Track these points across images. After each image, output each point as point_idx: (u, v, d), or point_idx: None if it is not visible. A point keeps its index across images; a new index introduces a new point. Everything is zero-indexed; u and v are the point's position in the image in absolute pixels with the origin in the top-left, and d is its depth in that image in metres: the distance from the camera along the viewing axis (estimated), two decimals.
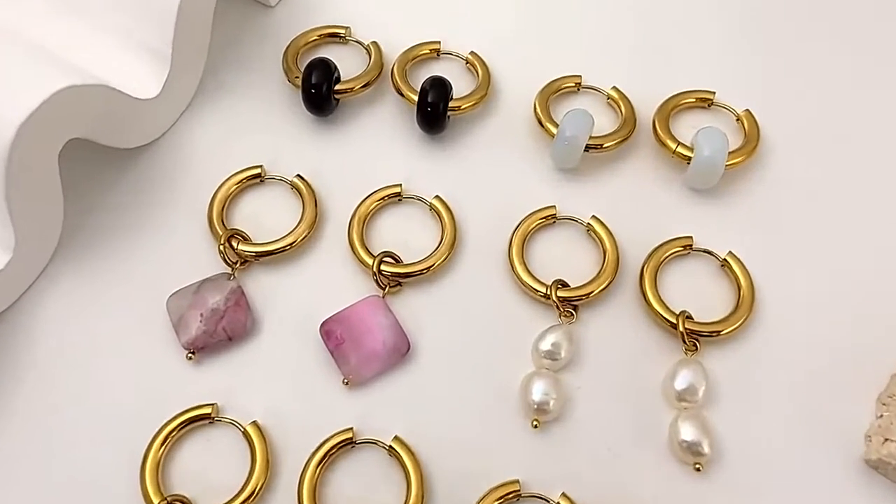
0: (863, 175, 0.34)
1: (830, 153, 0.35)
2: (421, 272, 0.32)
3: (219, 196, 0.33)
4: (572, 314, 0.31)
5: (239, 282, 0.31)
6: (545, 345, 0.30)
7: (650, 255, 0.32)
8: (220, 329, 0.30)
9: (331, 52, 0.36)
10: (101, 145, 0.32)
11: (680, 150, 0.34)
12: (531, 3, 0.39)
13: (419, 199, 0.34)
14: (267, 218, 0.33)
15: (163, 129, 0.35)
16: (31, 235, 0.30)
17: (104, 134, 0.31)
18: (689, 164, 0.33)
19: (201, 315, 0.30)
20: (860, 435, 0.29)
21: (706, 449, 0.29)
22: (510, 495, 0.28)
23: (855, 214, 0.33)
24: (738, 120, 0.35)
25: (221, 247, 0.32)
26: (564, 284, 0.31)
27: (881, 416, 0.30)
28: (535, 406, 0.29)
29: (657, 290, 0.31)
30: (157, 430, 0.28)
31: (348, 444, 0.29)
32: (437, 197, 0.33)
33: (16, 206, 0.29)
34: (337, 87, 0.35)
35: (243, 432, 0.29)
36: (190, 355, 0.30)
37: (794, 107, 0.36)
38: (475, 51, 0.37)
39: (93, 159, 0.34)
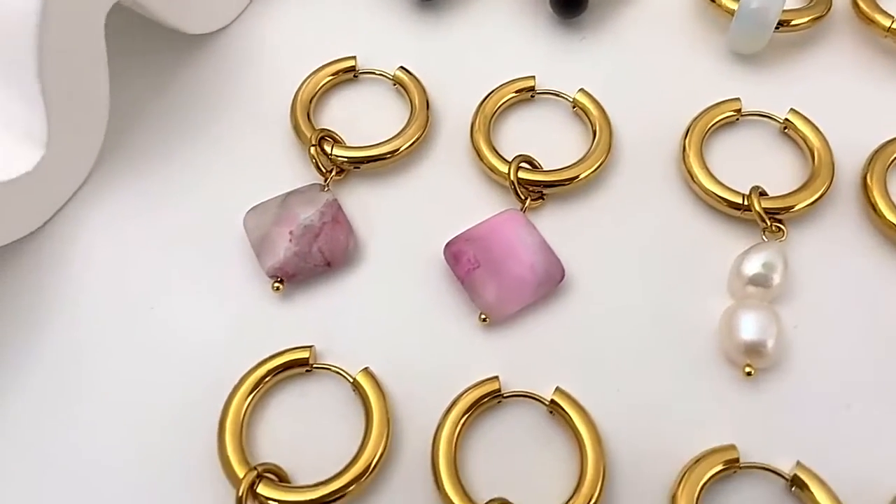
0: None
1: None
2: (569, 180, 0.24)
3: (305, 92, 0.26)
4: (781, 229, 0.24)
5: (336, 198, 0.25)
6: (752, 267, 0.22)
7: (874, 157, 0.24)
8: (315, 251, 0.23)
9: None
10: (160, 29, 0.25)
11: None
12: None
13: (558, 94, 0.26)
14: (363, 123, 0.26)
15: (235, 11, 0.28)
16: (69, 129, 0.23)
17: (162, 5, 0.25)
18: None
19: (291, 233, 0.23)
20: None
21: None
22: (727, 469, 0.20)
23: None
24: None
25: (312, 149, 0.24)
26: (764, 193, 0.24)
27: None
28: (748, 347, 0.22)
29: (891, 200, 0.24)
30: (236, 383, 0.21)
31: (494, 397, 0.21)
32: (581, 90, 0.26)
33: (50, 86, 0.22)
34: None
35: (353, 383, 0.21)
36: (277, 285, 0.23)
37: None
38: None
39: (149, 47, 0.27)
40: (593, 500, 0.19)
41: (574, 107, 0.26)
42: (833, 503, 0.19)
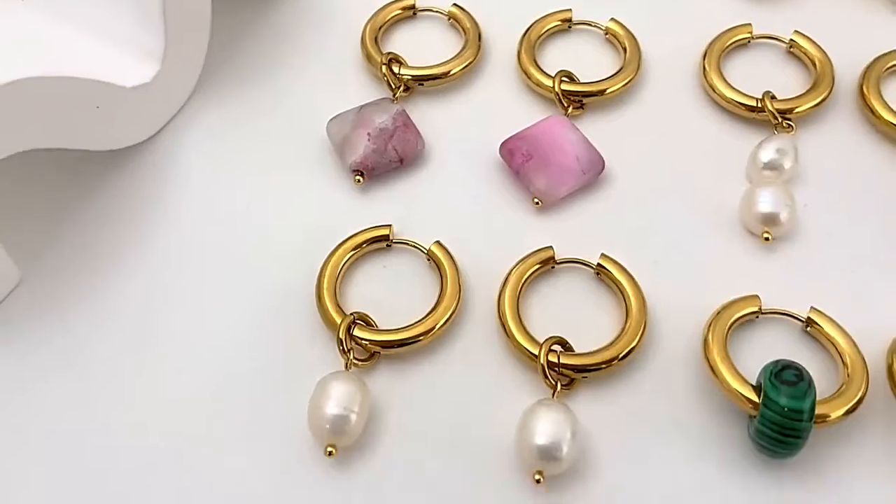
0: None
1: None
2: (605, 91, 0.28)
3: (373, 23, 0.30)
4: (791, 126, 0.27)
5: (402, 107, 0.28)
6: (767, 154, 0.26)
7: (869, 67, 0.28)
8: (390, 148, 0.27)
9: None
10: None
11: None
12: None
13: (592, 24, 0.30)
14: (423, 52, 0.29)
15: None
16: (180, 48, 0.27)
17: None
18: None
19: (369, 134, 0.27)
20: None
21: None
22: (751, 314, 0.24)
23: None
24: None
25: (384, 67, 0.28)
26: (775, 97, 0.28)
27: None
28: (765, 217, 0.25)
29: (884, 100, 0.28)
30: (328, 253, 0.25)
31: (549, 263, 0.25)
32: (612, 19, 0.30)
33: (170, 8, 0.26)
34: None
35: (427, 253, 0.25)
36: (358, 178, 0.26)
37: None
38: None
39: None
40: (637, 339, 0.23)
41: (606, 34, 0.30)
42: (843, 337, 0.23)
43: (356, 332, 0.23)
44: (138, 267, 0.25)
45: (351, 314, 0.23)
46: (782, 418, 0.20)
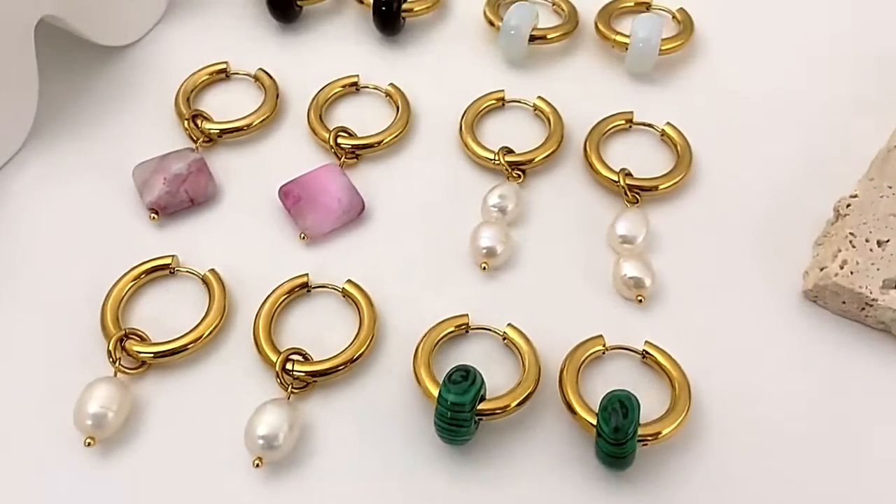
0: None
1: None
2: (376, 145, 0.33)
3: (186, 85, 0.35)
4: (520, 175, 0.33)
5: (203, 157, 0.33)
6: (493, 198, 0.32)
7: (594, 128, 0.34)
8: (182, 191, 0.32)
9: None
10: (77, 46, 0.34)
11: (619, 38, 0.36)
12: None
13: (375, 88, 0.36)
14: (232, 112, 0.35)
15: (140, 30, 0.37)
16: (8, 107, 0.32)
17: (80, 22, 0.33)
18: (626, 50, 0.36)
19: (164, 179, 0.32)
20: (798, 276, 0.30)
21: (648, 283, 0.30)
22: (460, 327, 0.29)
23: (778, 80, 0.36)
24: (673, 18, 0.38)
25: (186, 122, 0.33)
26: (511, 151, 0.33)
27: (817, 255, 0.31)
28: (484, 250, 0.30)
29: (601, 156, 0.33)
30: (118, 277, 0.29)
31: (304, 288, 0.30)
32: (391, 84, 0.36)
33: None
34: None
35: (202, 278, 0.30)
36: (153, 216, 0.31)
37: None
38: None
39: (69, 56, 0.36)
40: (364, 348, 0.28)
41: (387, 95, 0.35)
42: (528, 346, 0.28)
43: (127, 344, 0.28)
44: None
45: (123, 330, 0.28)
46: (448, 411, 0.25)
